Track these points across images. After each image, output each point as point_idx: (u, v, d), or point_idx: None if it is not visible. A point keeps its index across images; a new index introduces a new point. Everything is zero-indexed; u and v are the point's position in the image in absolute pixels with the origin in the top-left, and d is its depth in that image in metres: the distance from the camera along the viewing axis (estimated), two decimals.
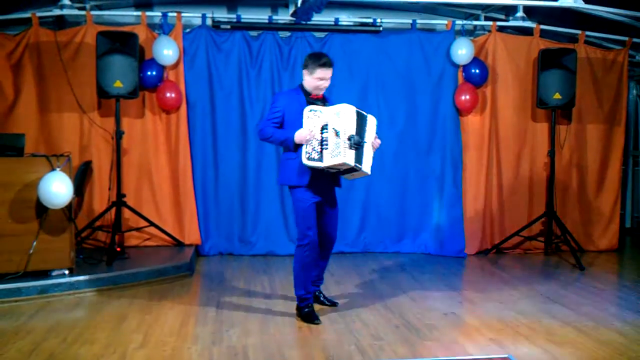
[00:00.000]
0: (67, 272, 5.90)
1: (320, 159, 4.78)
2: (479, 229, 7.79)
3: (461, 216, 7.73)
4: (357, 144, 4.77)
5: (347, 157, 4.73)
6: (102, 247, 7.07)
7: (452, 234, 7.71)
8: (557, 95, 7.45)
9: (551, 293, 5.93)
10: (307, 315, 5.01)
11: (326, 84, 5.04)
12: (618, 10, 7.16)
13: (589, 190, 8.10)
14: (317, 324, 4.91)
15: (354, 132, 4.77)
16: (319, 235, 5.08)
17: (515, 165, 7.92)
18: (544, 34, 7.90)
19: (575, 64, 7.48)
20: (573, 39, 8.07)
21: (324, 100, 5.10)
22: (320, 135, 4.78)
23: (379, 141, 5.06)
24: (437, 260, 7.52)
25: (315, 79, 4.97)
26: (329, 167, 4.84)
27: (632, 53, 8.46)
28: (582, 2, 6.71)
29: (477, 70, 7.63)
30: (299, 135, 4.84)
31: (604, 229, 8.14)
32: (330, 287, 5.91)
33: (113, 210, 7.05)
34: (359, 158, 4.83)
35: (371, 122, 4.99)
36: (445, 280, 6.47)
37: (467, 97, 7.60)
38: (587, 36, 8.00)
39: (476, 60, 7.66)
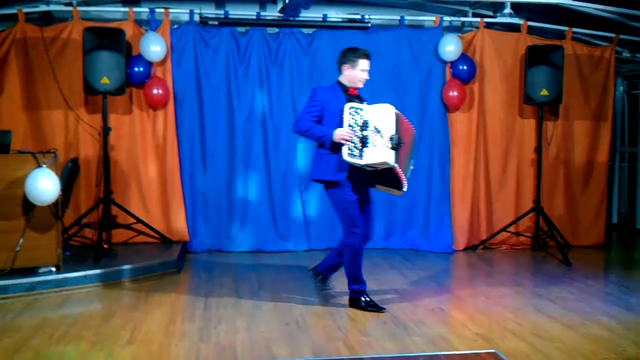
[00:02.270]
0: (54, 269, 5.87)
1: (360, 156, 4.69)
2: (467, 225, 7.81)
3: (449, 212, 7.75)
4: (397, 145, 4.67)
5: (388, 156, 4.65)
6: (89, 244, 7.03)
7: (440, 230, 7.74)
8: (544, 92, 7.48)
9: (538, 288, 5.96)
10: (370, 304, 5.10)
11: (367, 76, 5.05)
12: (605, 6, 7.21)
13: (576, 186, 8.14)
14: (384, 311, 5.03)
15: (394, 132, 4.69)
16: None
17: (502, 161, 7.95)
18: (531, 30, 7.92)
19: (563, 61, 7.52)
20: (560, 35, 8.10)
21: (360, 98, 5.07)
22: (360, 132, 4.70)
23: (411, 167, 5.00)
24: (425, 256, 7.53)
25: (359, 71, 5.00)
26: (367, 165, 4.75)
27: (618, 49, 8.51)
28: None
29: (465, 67, 7.65)
30: (338, 134, 4.75)
31: (591, 224, 8.18)
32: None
33: (100, 207, 7.02)
34: (398, 159, 4.70)
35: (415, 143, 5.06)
36: (432, 276, 6.48)
37: (455, 93, 7.62)
38: (574, 33, 8.03)
39: (464, 57, 7.68)
